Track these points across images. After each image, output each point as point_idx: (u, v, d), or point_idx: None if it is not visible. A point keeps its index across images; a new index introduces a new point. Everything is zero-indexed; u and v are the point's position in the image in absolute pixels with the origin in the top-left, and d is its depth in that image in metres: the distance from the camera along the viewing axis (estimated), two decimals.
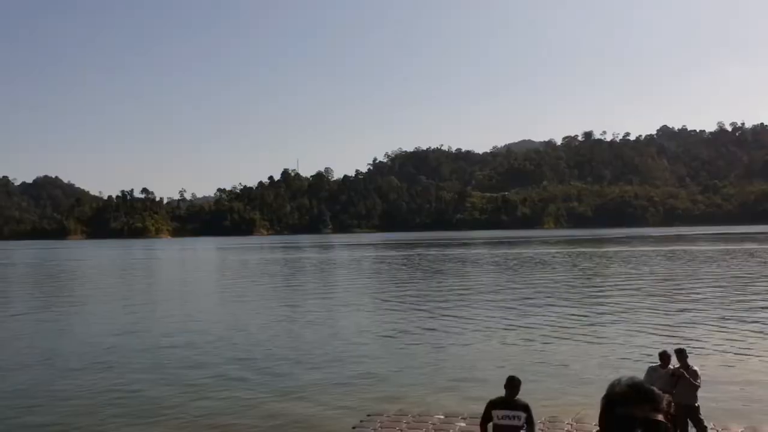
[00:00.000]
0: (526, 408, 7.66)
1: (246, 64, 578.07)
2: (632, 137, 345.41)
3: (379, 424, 11.64)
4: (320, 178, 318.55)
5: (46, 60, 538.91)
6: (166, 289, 43.61)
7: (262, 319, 26.94)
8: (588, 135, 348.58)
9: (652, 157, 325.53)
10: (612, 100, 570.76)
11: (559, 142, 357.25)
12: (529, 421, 7.67)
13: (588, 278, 43.06)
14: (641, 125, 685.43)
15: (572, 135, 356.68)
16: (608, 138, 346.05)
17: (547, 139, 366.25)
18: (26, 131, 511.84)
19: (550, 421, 11.52)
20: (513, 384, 7.78)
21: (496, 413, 7.64)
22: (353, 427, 11.66)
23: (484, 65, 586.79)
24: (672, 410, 2.01)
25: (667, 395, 2.04)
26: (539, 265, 55.65)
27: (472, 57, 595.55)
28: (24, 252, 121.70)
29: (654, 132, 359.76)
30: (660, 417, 1.95)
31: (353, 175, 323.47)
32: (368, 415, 12.36)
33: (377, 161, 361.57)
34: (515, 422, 7.59)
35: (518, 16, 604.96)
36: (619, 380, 2.03)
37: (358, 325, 24.87)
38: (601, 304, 29.36)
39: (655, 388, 2.02)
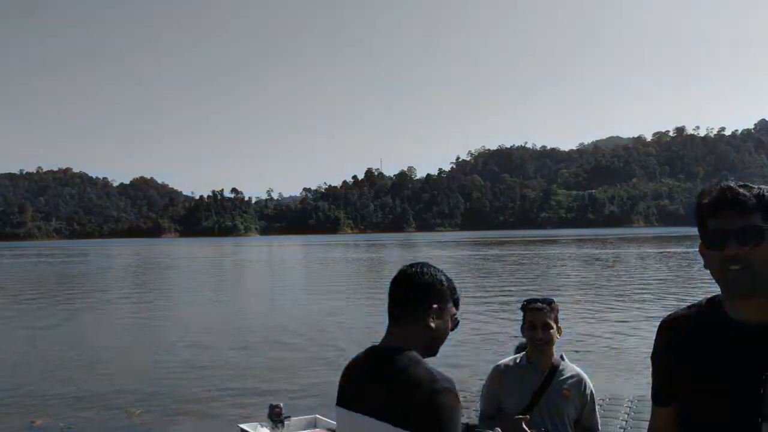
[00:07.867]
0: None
1: (331, 64, 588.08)
2: (728, 132, 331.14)
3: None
4: (403, 177, 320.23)
5: (142, 69, 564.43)
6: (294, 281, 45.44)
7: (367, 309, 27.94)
8: (680, 130, 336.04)
9: (750, 153, 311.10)
10: (706, 93, 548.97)
11: (649, 138, 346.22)
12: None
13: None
14: (737, 119, 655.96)
15: (663, 130, 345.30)
16: (702, 133, 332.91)
17: (636, 135, 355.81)
18: (123, 134, 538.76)
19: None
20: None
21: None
22: None
23: (569, 60, 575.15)
24: None
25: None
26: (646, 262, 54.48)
27: (556, 53, 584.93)
28: (137, 248, 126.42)
29: (752, 126, 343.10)
30: (755, 220, 1.68)
31: (436, 174, 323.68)
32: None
33: (460, 159, 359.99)
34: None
35: (605, 8, 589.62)
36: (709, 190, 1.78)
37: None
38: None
39: (742, 193, 1.69)
